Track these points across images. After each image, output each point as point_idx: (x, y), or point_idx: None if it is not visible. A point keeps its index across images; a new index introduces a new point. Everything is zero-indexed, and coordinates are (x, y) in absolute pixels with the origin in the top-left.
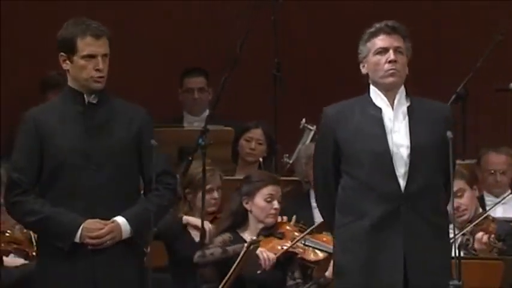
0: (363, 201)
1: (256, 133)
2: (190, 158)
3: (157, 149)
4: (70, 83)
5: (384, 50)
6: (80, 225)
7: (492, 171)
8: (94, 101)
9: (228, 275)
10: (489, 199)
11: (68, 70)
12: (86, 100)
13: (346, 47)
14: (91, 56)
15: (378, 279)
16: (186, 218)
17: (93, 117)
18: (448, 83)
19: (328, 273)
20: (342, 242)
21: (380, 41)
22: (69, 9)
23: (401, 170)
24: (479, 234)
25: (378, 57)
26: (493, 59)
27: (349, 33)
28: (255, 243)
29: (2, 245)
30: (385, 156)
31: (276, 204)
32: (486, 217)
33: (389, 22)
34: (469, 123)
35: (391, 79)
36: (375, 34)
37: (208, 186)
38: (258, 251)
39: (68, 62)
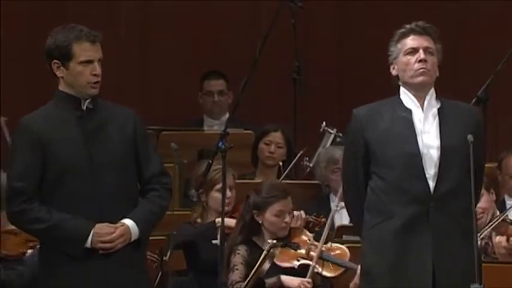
0: (392, 203)
1: (276, 136)
2: (210, 161)
3: (176, 152)
4: (63, 88)
5: (414, 50)
6: (91, 231)
7: None
8: (91, 106)
9: (248, 278)
10: (510, 202)
11: (61, 77)
12: (83, 105)
13: (367, 49)
14: (88, 62)
15: (407, 281)
16: (219, 221)
17: (91, 122)
18: (467, 86)
19: (353, 284)
20: (371, 243)
21: (410, 41)
22: (88, 11)
23: (431, 172)
24: (498, 238)
25: (408, 57)
26: None
27: (370, 36)
28: (275, 247)
29: (20, 248)
30: (416, 157)
31: (287, 218)
32: (504, 220)
33: (419, 23)
34: (489, 126)
35: (421, 78)
36: (405, 35)
37: (219, 186)
38: (296, 284)
39: (62, 68)
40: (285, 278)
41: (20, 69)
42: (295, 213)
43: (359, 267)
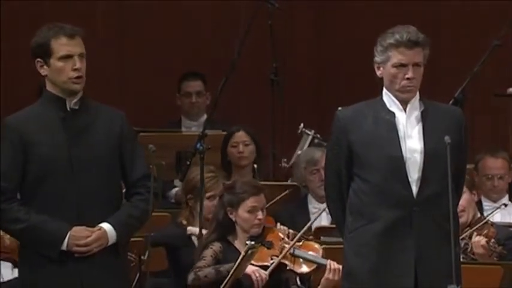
0: (375, 206)
1: (240, 136)
2: (188, 163)
3: (154, 153)
4: (49, 88)
5: (402, 65)
6: (67, 233)
7: (489, 176)
8: (76, 107)
9: (226, 280)
10: (487, 204)
11: (46, 75)
12: (68, 106)
13: (346, 50)
14: (68, 57)
15: (389, 284)
16: (190, 229)
17: (75, 123)
18: (446, 87)
19: (324, 280)
20: (353, 246)
21: (400, 55)
22: (65, 11)
23: (414, 176)
24: (478, 238)
25: (396, 70)
26: (491, 63)
27: (349, 37)
28: (253, 248)
29: None
30: (399, 161)
31: (259, 214)
32: (486, 222)
33: (412, 35)
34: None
35: (406, 95)
36: (395, 46)
37: (210, 193)
38: (250, 271)
39: (45, 67)
40: None
41: None
42: (283, 227)
43: (328, 261)
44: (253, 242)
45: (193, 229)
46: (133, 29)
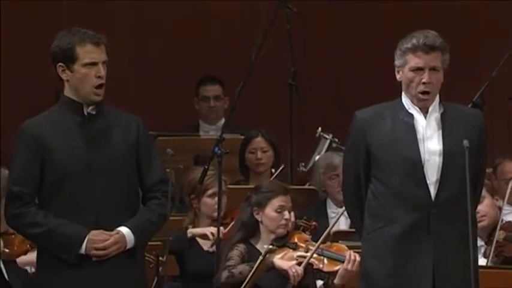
0: (393, 208)
1: (259, 142)
2: (206, 167)
3: (172, 157)
4: (67, 93)
5: (419, 69)
6: (85, 237)
7: (508, 180)
8: (93, 112)
9: (243, 284)
10: (506, 208)
11: (67, 80)
12: (85, 111)
13: (364, 53)
14: (92, 64)
15: (407, 284)
16: (191, 231)
17: (92, 128)
18: (463, 92)
19: (337, 280)
20: (371, 247)
21: (417, 59)
22: (83, 15)
23: (432, 178)
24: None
25: (413, 74)
26: (509, 68)
27: (367, 40)
28: (271, 252)
29: (15, 247)
30: (417, 164)
31: (286, 214)
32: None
33: (428, 40)
34: None
35: (422, 103)
36: (412, 50)
37: (211, 191)
38: (287, 267)
39: (67, 71)
40: (277, 260)
41: (14, 71)
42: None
43: (348, 252)
44: (271, 246)
45: (194, 230)
46: (151, 33)
